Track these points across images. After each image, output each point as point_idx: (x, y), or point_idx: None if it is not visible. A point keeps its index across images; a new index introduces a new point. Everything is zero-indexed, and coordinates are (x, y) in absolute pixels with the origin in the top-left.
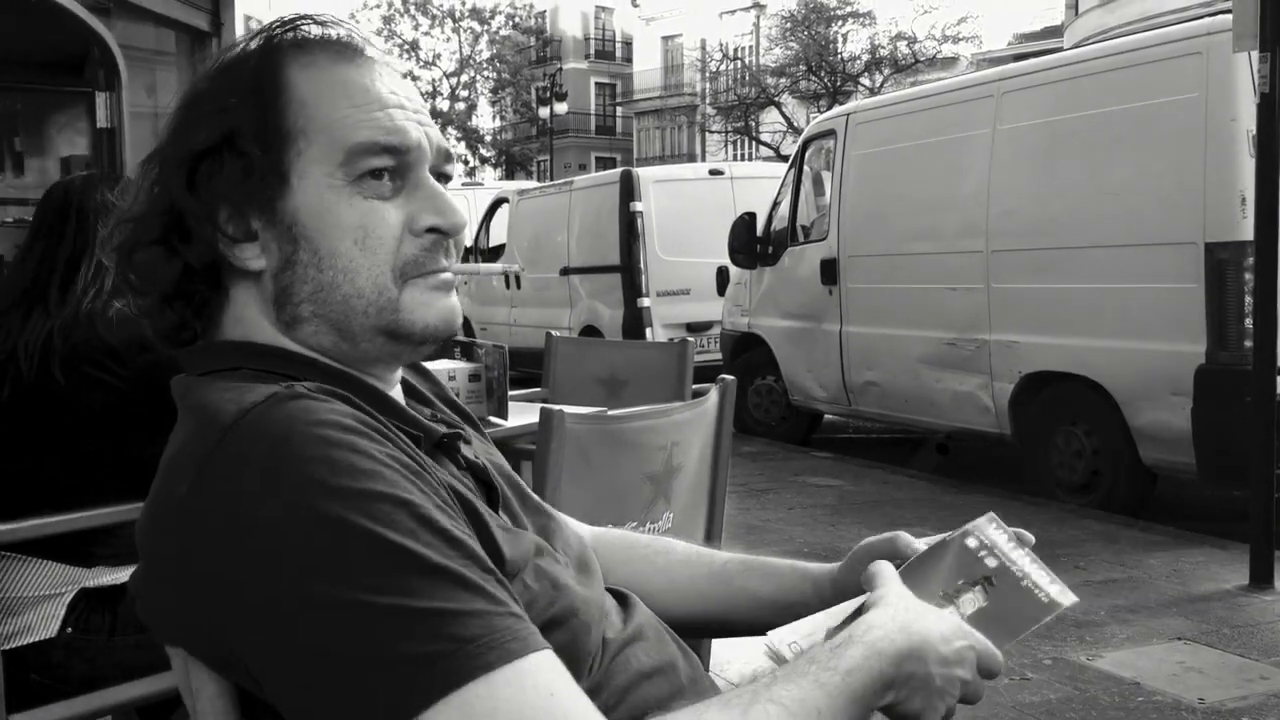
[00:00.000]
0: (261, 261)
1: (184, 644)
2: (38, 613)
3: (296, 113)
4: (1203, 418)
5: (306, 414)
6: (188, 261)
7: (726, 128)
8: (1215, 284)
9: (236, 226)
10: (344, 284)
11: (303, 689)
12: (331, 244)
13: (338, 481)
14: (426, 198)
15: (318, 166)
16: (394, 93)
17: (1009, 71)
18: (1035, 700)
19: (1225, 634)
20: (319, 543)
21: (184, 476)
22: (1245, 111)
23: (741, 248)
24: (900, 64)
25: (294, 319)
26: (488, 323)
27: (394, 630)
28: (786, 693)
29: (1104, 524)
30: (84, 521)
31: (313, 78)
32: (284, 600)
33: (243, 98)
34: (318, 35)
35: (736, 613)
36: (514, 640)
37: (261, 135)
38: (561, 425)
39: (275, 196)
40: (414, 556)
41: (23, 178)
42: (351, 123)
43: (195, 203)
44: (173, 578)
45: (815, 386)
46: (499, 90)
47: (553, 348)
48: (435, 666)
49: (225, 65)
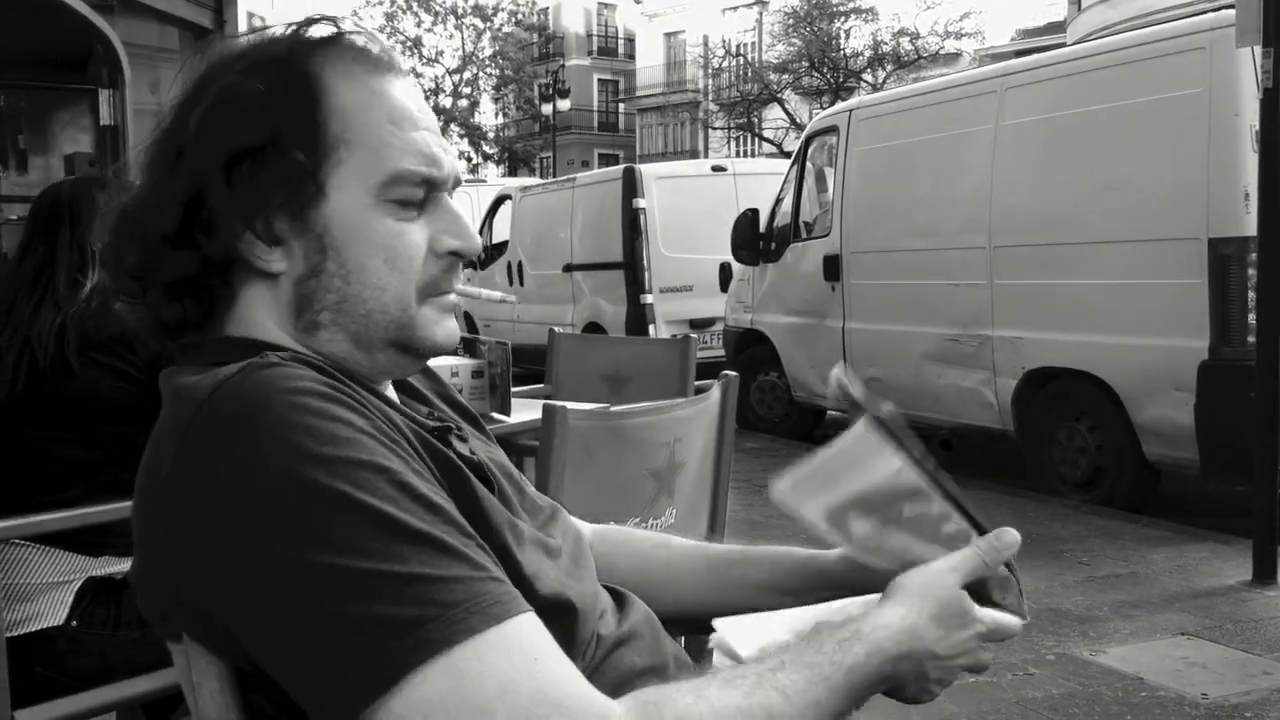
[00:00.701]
0: (283, 265)
1: (182, 625)
2: (46, 599)
3: (338, 122)
4: (1206, 413)
5: (284, 380)
6: (204, 255)
7: (729, 124)
8: (1218, 279)
9: (266, 228)
10: (370, 299)
11: (290, 654)
12: (361, 259)
13: (319, 449)
14: (448, 220)
15: (356, 181)
16: (422, 112)
17: (1012, 67)
18: (1038, 695)
19: (1228, 629)
20: (303, 510)
21: (165, 454)
22: (1248, 107)
23: (744, 244)
24: (903, 60)
25: (311, 325)
26: (491, 319)
27: (379, 595)
28: (790, 682)
29: (1107, 520)
30: (94, 516)
31: (353, 88)
32: (270, 567)
33: (284, 98)
34: (356, 44)
35: (735, 602)
36: (496, 604)
37: (306, 140)
38: (564, 421)
39: (310, 204)
40: (396, 522)
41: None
42: (395, 145)
43: (231, 198)
44: (164, 557)
45: (818, 382)
46: (501, 87)
47: (556, 344)
48: (420, 630)
49: (260, 60)
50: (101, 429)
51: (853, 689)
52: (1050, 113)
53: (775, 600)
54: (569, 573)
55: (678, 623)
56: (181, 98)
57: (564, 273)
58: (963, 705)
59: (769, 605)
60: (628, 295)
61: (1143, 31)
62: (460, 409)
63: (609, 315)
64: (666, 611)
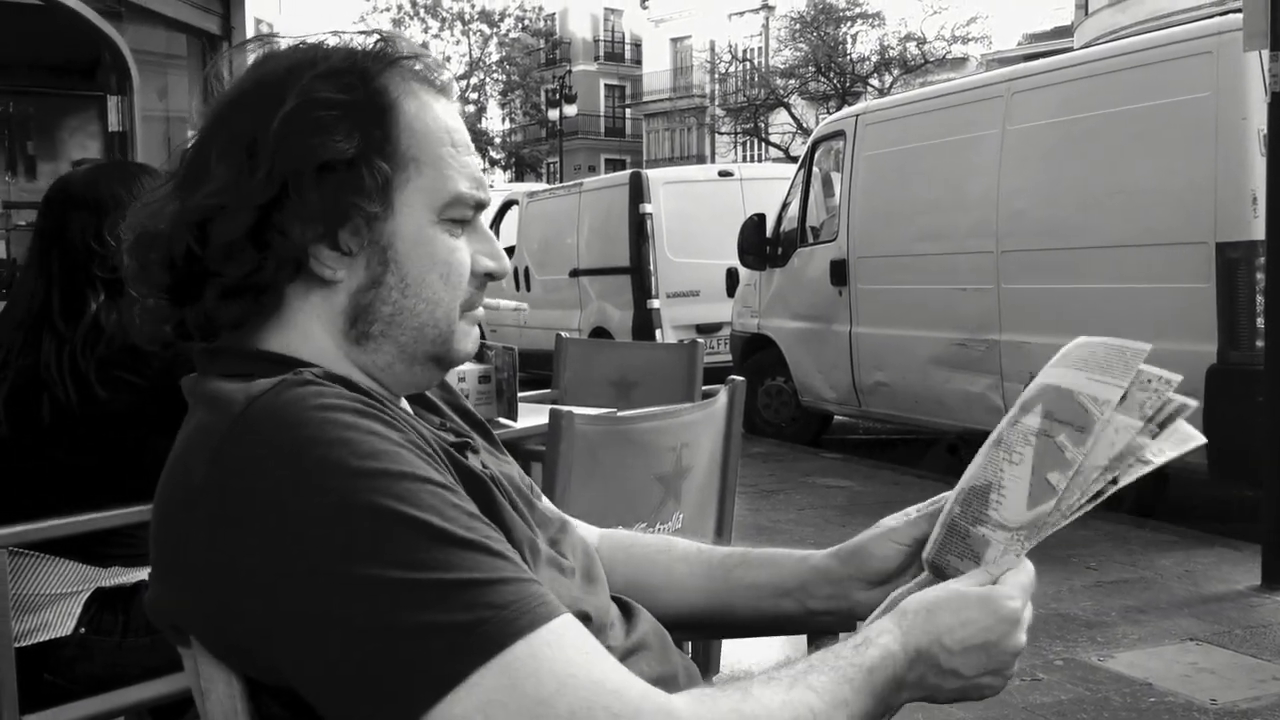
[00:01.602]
0: (343, 274)
1: (197, 635)
2: (55, 610)
3: (408, 139)
4: (1214, 418)
5: (318, 397)
6: (276, 258)
7: (736, 129)
8: (1226, 283)
9: (342, 238)
10: (424, 312)
11: (341, 667)
12: (421, 273)
13: (360, 463)
14: (483, 242)
15: (421, 198)
16: (467, 137)
17: (1019, 71)
18: (1047, 701)
19: (1237, 635)
20: (348, 524)
21: (197, 464)
22: (1256, 111)
23: (751, 249)
24: (910, 65)
25: (363, 336)
26: (498, 324)
27: (433, 603)
28: (820, 682)
29: (1115, 524)
30: (101, 522)
31: (420, 109)
32: (319, 582)
33: (367, 110)
34: (420, 66)
35: (737, 605)
36: (542, 604)
37: (389, 157)
38: (571, 426)
39: (381, 217)
40: (441, 531)
41: (35, 181)
42: (455, 168)
43: (316, 205)
44: (188, 567)
45: (825, 387)
46: (508, 92)
47: (563, 349)
48: (476, 632)
49: (334, 70)
50: (109, 436)
51: (874, 689)
52: (1057, 117)
53: (775, 602)
54: (582, 589)
55: (681, 627)
56: (237, 97)
57: (571, 278)
58: (969, 710)
59: (770, 607)
60: (634, 300)
61: (1150, 36)
62: (470, 418)
63: (616, 320)
64: (669, 615)
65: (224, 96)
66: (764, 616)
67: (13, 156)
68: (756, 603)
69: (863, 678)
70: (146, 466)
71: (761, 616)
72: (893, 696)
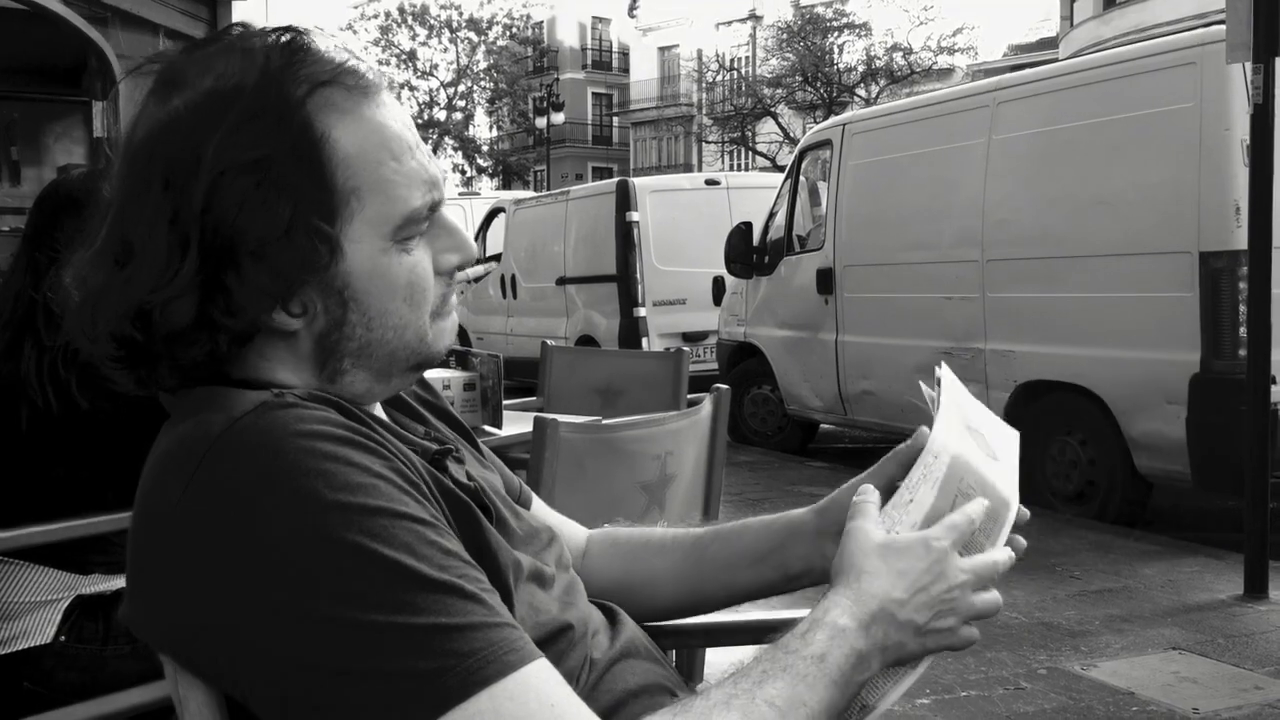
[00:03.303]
0: (301, 324)
1: (170, 652)
2: (34, 618)
3: (344, 173)
4: (1198, 427)
5: (298, 423)
6: (224, 337)
7: (723, 138)
8: (1210, 293)
9: (294, 300)
10: (393, 339)
11: (302, 706)
12: (383, 304)
13: (335, 496)
14: (445, 237)
15: (370, 229)
16: (410, 128)
17: (1004, 82)
18: (1030, 710)
19: (1220, 644)
20: (319, 560)
21: (174, 485)
22: (1239, 122)
23: (738, 257)
24: (896, 75)
25: (335, 372)
26: (484, 332)
27: (396, 648)
28: (776, 691)
29: (1099, 533)
30: (81, 530)
31: (351, 128)
32: (283, 617)
33: (294, 163)
34: (344, 71)
35: (716, 581)
36: (511, 652)
37: (324, 209)
38: (556, 434)
39: (330, 265)
40: (412, 573)
41: (19, 187)
42: (400, 183)
43: (258, 280)
44: (162, 586)
45: (811, 396)
46: (496, 100)
47: (548, 357)
48: (438, 682)
49: (250, 112)
50: (90, 446)
51: (830, 677)
52: (1042, 127)
53: (754, 571)
54: (563, 598)
55: (668, 614)
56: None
57: (557, 286)
58: (953, 719)
59: (748, 580)
60: (621, 308)
61: (1134, 47)
62: (453, 422)
63: (602, 328)
64: (656, 609)
65: (134, 143)
66: (744, 586)
67: None
68: (735, 573)
69: (815, 670)
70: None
71: (741, 587)
72: (856, 672)
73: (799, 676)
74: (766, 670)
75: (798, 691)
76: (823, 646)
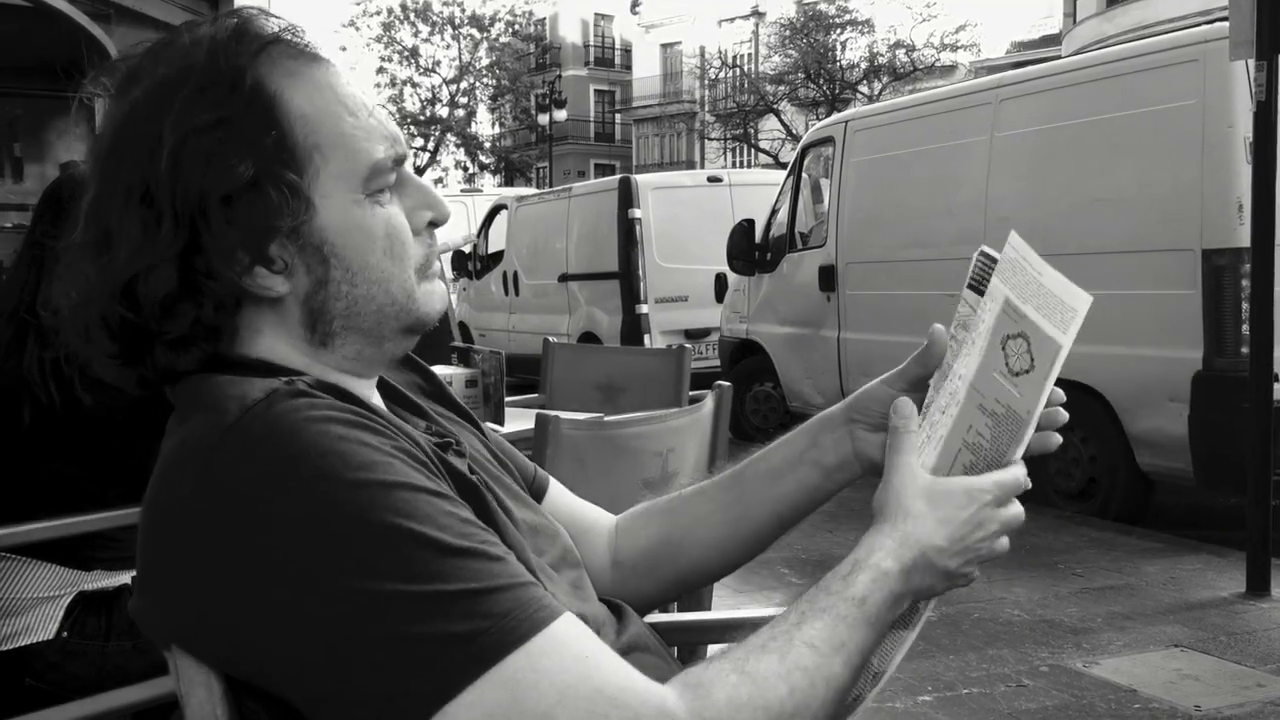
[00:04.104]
0: (285, 287)
1: (185, 643)
2: (37, 614)
3: (304, 130)
4: (1200, 424)
5: (310, 409)
6: (213, 301)
7: (725, 135)
8: (1212, 290)
9: (269, 256)
10: (379, 295)
11: (339, 681)
12: (363, 258)
13: (354, 474)
14: (416, 194)
15: (340, 184)
16: (364, 93)
17: (1007, 79)
18: (1032, 707)
19: (1222, 641)
20: (345, 537)
21: (188, 474)
22: (1242, 119)
23: (740, 254)
24: (899, 72)
25: (327, 335)
26: (486, 329)
27: (430, 615)
28: (814, 632)
29: (1101, 531)
30: (84, 526)
31: (302, 89)
32: (313, 596)
33: (251, 121)
34: (285, 39)
35: (760, 499)
36: (541, 609)
37: (289, 160)
38: (557, 431)
39: (303, 221)
40: (437, 542)
41: (22, 183)
42: (360, 136)
43: (232, 239)
44: (178, 576)
45: (813, 393)
46: (498, 97)
47: (550, 354)
48: (474, 644)
49: (202, 84)
50: (93, 443)
51: (869, 619)
52: (1045, 124)
53: (794, 477)
54: (569, 597)
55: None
56: (115, 139)
57: (559, 283)
58: (955, 716)
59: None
60: (623, 305)
61: (1137, 44)
62: (458, 409)
63: (604, 325)
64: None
65: (102, 142)
66: (787, 504)
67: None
68: (775, 490)
69: (856, 613)
70: (130, 474)
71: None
72: (891, 615)
73: (839, 618)
74: (805, 613)
75: (838, 632)
76: (865, 589)
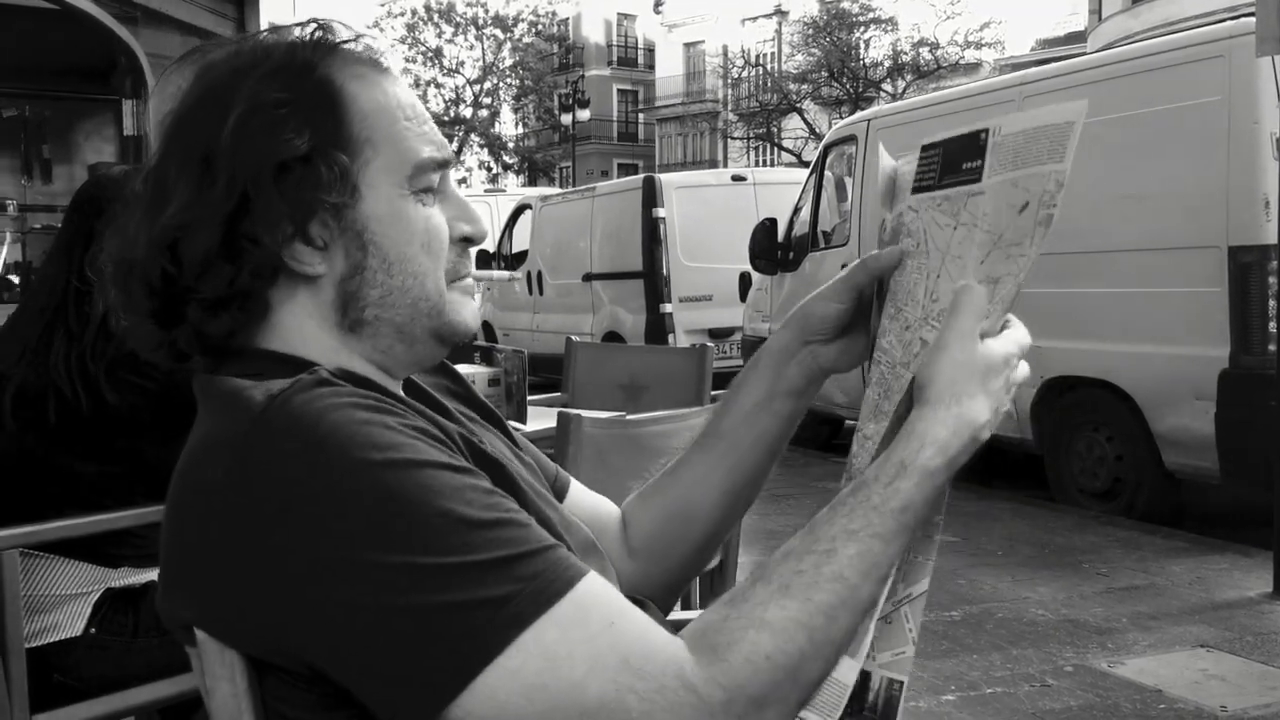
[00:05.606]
0: (323, 268)
1: (219, 632)
2: (65, 611)
3: (360, 123)
4: (1226, 422)
5: (334, 395)
6: (252, 266)
7: (748, 134)
8: (1239, 288)
9: (311, 233)
10: (414, 287)
11: (379, 654)
12: (401, 249)
13: (381, 455)
14: (457, 207)
15: (386, 176)
16: (420, 104)
17: (1031, 76)
18: (1056, 707)
19: (1248, 642)
20: (373, 516)
21: (217, 463)
22: (1268, 115)
23: (763, 253)
24: (922, 70)
25: (356, 323)
26: (510, 328)
27: (465, 583)
28: (846, 561)
29: (1126, 530)
30: (111, 523)
31: (366, 90)
32: (346, 574)
33: (314, 104)
34: (357, 48)
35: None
36: (569, 569)
37: (343, 144)
38: (579, 429)
39: (348, 204)
40: (464, 515)
41: (51, 185)
42: (412, 138)
43: (280, 207)
44: (210, 563)
45: (836, 392)
46: (522, 97)
47: (573, 353)
48: (508, 606)
49: (276, 69)
50: (118, 442)
51: (907, 526)
52: None
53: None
54: None
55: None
56: (185, 111)
57: (583, 282)
58: (979, 716)
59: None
60: (647, 305)
61: (1162, 40)
62: (484, 409)
63: (628, 325)
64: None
65: (174, 112)
66: (774, 436)
67: (28, 160)
68: (757, 428)
69: (895, 525)
70: (156, 473)
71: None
72: (930, 513)
73: (876, 536)
74: (837, 537)
75: (872, 552)
76: (909, 495)
